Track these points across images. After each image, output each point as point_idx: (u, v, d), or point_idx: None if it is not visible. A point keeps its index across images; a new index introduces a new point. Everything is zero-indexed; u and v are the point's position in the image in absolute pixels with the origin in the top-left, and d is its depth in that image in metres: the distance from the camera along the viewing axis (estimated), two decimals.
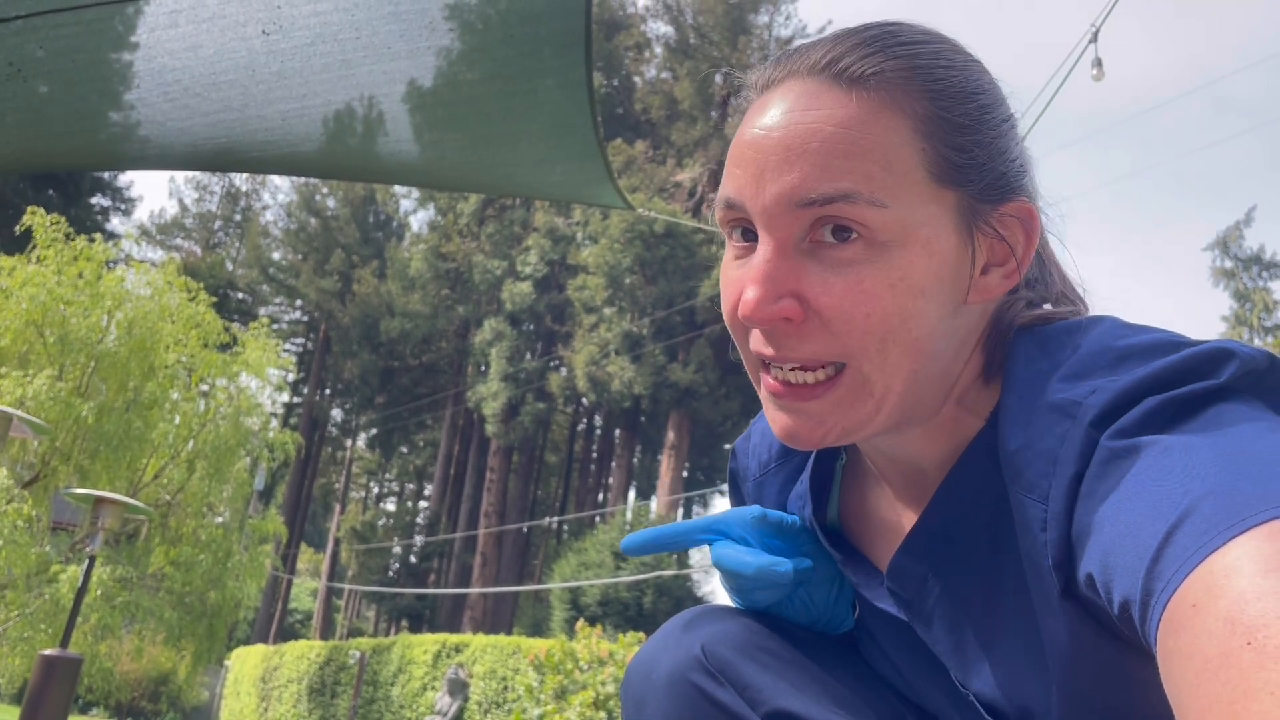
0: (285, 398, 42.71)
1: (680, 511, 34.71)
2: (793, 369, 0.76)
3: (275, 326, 42.70)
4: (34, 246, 11.50)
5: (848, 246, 0.72)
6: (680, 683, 0.87)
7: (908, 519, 0.87)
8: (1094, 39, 6.73)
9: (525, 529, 37.61)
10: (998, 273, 0.78)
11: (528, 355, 36.53)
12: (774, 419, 0.79)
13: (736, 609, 0.95)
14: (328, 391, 45.05)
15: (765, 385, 0.78)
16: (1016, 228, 0.78)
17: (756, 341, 0.77)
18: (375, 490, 57.14)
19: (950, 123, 0.74)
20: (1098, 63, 6.86)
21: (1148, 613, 0.54)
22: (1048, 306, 0.84)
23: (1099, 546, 0.61)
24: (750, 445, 1.04)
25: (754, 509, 0.90)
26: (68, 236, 11.64)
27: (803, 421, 0.77)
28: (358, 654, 15.98)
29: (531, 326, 37.19)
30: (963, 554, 0.80)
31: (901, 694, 0.94)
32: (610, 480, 38.08)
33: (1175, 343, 0.69)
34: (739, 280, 0.77)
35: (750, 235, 0.77)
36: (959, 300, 0.76)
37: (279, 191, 50.19)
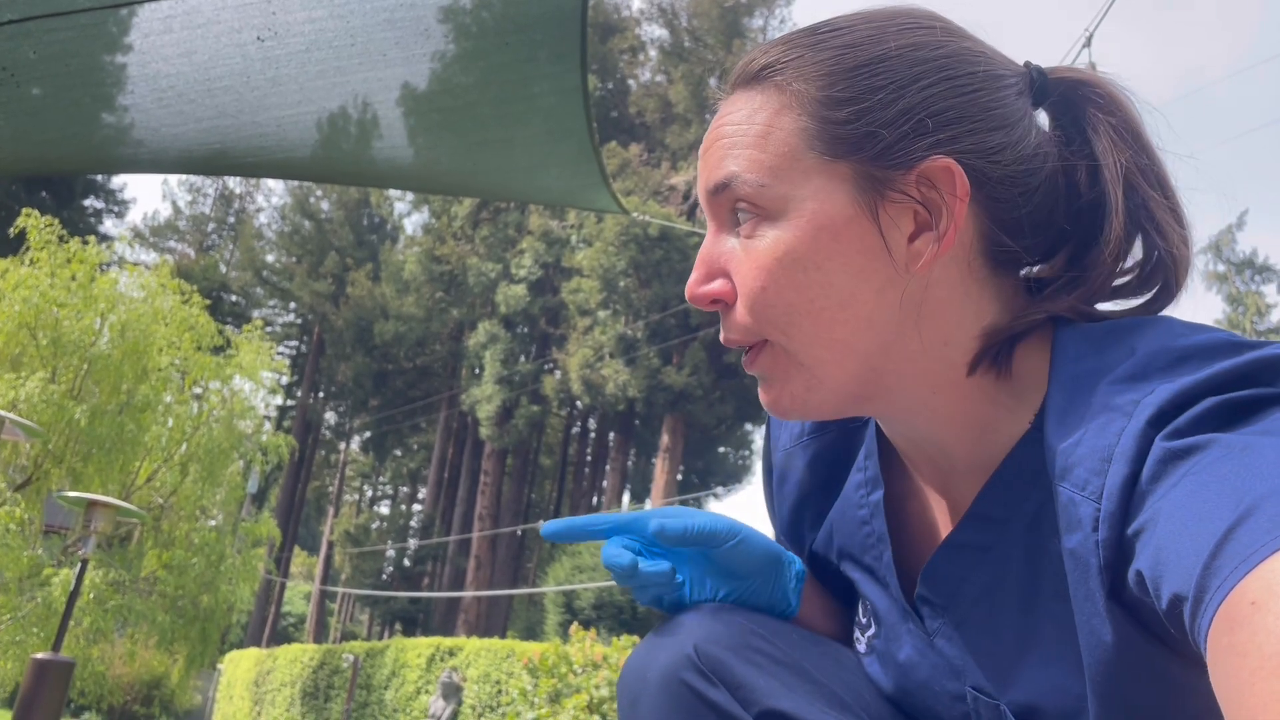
0: (279, 401, 42.66)
1: None
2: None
3: (269, 329, 42.66)
4: (27, 249, 11.47)
5: (749, 227, 0.79)
6: (673, 682, 0.86)
7: (942, 515, 0.87)
8: (1087, 44, 6.75)
9: (519, 532, 37.57)
10: (927, 237, 0.77)
11: (522, 358, 36.51)
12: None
13: (732, 608, 0.94)
14: (321, 394, 44.99)
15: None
16: (935, 189, 0.76)
17: None
18: (369, 493, 57.05)
19: (830, 100, 0.77)
20: (1092, 66, 6.87)
21: (1200, 609, 0.54)
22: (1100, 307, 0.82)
23: (1152, 544, 0.60)
24: None
25: (652, 522, 0.92)
26: (61, 239, 11.61)
27: (763, 390, 0.83)
28: (351, 657, 15.94)
29: (526, 329, 37.17)
30: (1002, 556, 0.79)
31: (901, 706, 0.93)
32: (605, 483, 38.06)
33: (1236, 344, 0.68)
34: None
35: None
36: (889, 272, 0.76)
37: (273, 194, 50.13)
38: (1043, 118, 0.85)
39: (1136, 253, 0.82)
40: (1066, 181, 0.81)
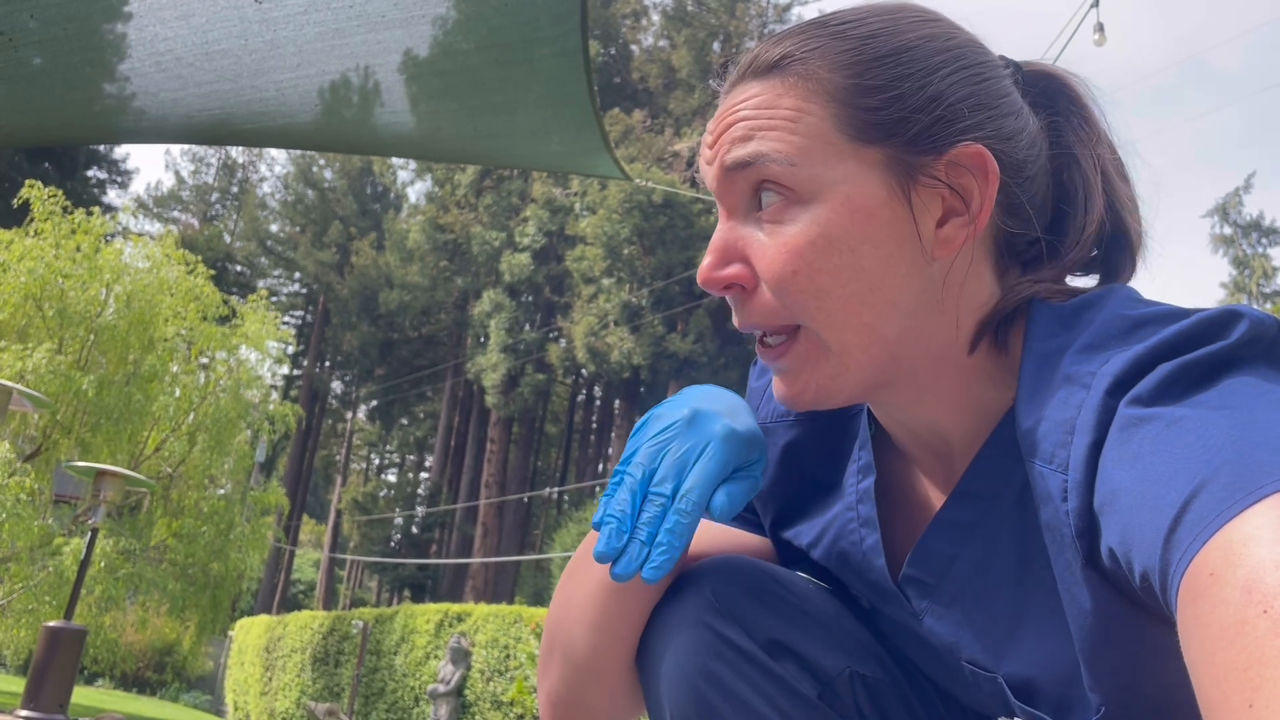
0: (285, 370, 42.78)
1: None
2: (766, 335, 0.82)
3: (274, 299, 42.66)
4: (32, 220, 11.47)
5: (775, 210, 0.78)
6: (693, 621, 0.91)
7: (937, 496, 0.88)
8: (1095, 3, 6.68)
9: (526, 499, 37.76)
10: (956, 222, 0.78)
11: (527, 326, 36.51)
12: (773, 385, 0.84)
13: (748, 558, 0.98)
14: (327, 364, 45.07)
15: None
16: (966, 174, 0.78)
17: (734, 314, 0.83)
18: (376, 462, 57.29)
19: (860, 87, 0.77)
20: (1099, 27, 6.81)
21: (1167, 582, 0.55)
22: (1071, 282, 0.83)
23: (1118, 520, 0.61)
24: (765, 385, 1.02)
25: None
26: (65, 210, 11.61)
27: (784, 382, 0.82)
28: (360, 624, 16.07)
29: (530, 298, 37.15)
30: (991, 532, 0.80)
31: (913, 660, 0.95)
32: (610, 450, 38.19)
33: (1186, 311, 0.69)
34: None
35: None
36: (916, 256, 0.77)
37: (276, 163, 49.93)
38: None
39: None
40: (1053, 167, 0.85)
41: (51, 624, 5.33)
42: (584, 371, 36.92)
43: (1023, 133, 0.82)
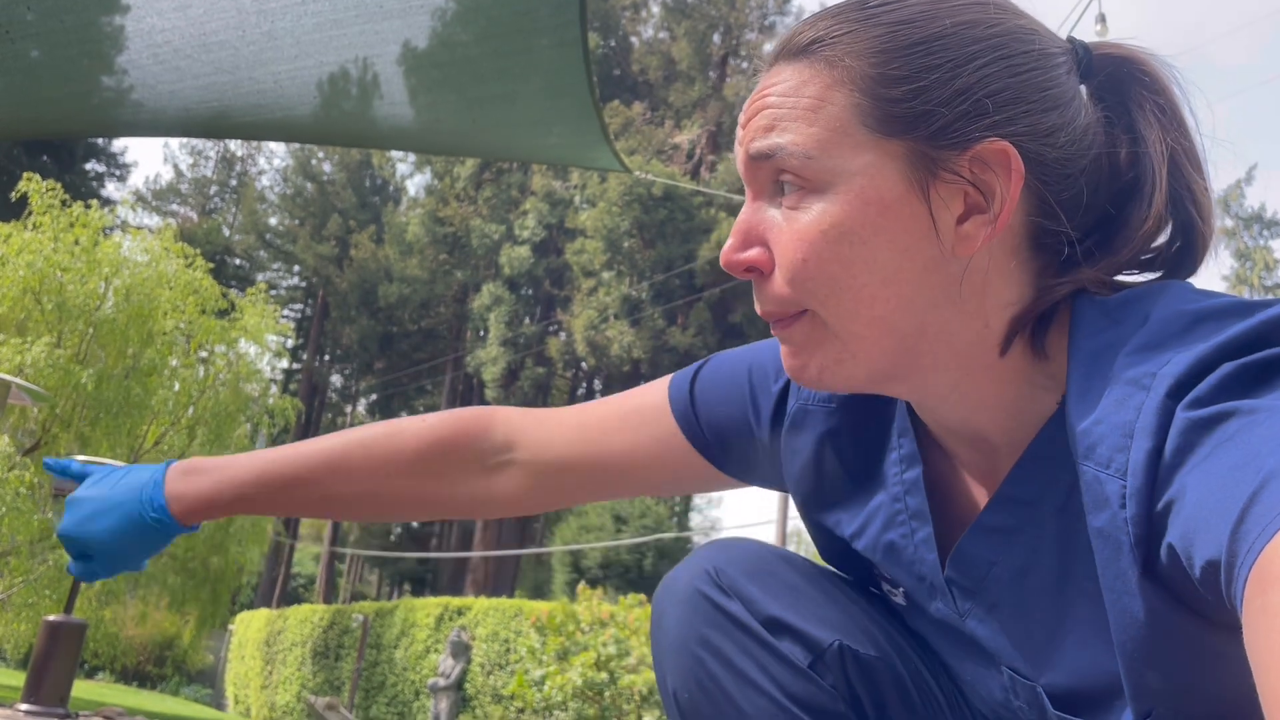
0: (284, 364, 42.73)
1: None
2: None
3: (273, 292, 42.62)
4: (30, 213, 11.45)
5: (793, 197, 0.78)
6: (695, 595, 0.97)
7: (980, 493, 0.87)
8: None
9: None
10: (977, 220, 0.76)
11: (526, 320, 36.50)
12: (780, 356, 0.86)
13: (752, 540, 1.02)
14: (327, 357, 45.07)
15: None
16: (990, 171, 0.75)
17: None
18: None
19: (884, 77, 0.76)
20: (1101, 18, 6.80)
21: (1234, 574, 0.53)
22: (1120, 277, 0.80)
23: (1181, 516, 0.60)
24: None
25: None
26: (63, 203, 11.59)
27: (789, 355, 0.83)
28: (360, 617, 16.11)
29: (530, 291, 37.12)
30: (1033, 538, 0.79)
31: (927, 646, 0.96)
32: None
33: (1247, 305, 0.67)
34: None
35: None
36: (935, 252, 0.75)
37: (274, 156, 49.93)
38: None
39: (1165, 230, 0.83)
40: (1109, 161, 0.81)
41: (51, 618, 5.32)
42: (584, 365, 36.92)
43: (1065, 128, 0.77)
